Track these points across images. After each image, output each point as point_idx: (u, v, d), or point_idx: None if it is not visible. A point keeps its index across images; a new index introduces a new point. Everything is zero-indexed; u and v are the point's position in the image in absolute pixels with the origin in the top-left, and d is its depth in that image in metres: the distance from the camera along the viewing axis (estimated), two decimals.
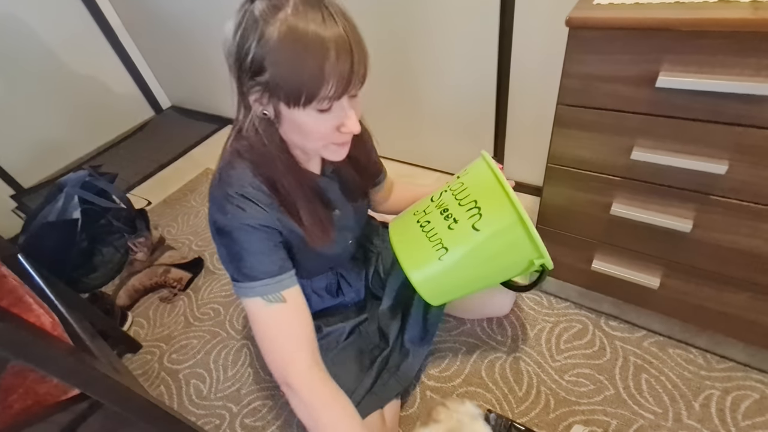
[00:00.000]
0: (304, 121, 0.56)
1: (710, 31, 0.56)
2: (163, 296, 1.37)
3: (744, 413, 0.84)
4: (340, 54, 0.50)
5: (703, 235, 0.75)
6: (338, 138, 0.60)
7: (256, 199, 0.61)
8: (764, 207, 0.66)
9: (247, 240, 0.61)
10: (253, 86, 0.54)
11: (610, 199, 0.80)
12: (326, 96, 0.52)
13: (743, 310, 0.81)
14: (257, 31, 0.50)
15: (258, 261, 0.62)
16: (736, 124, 0.61)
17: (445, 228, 0.73)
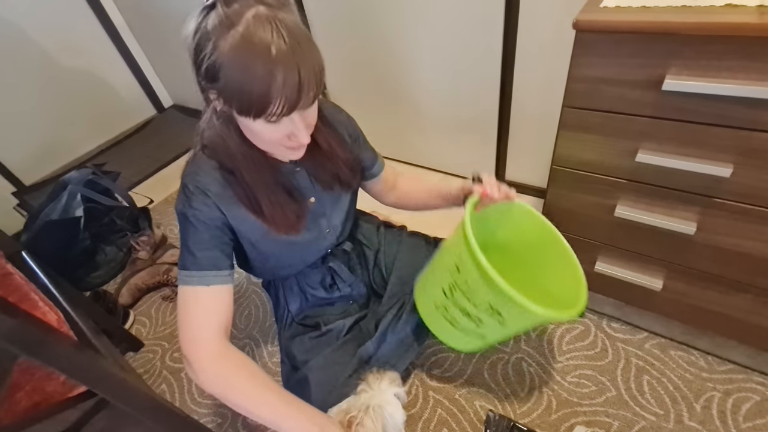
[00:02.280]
0: (255, 128, 0.58)
1: (717, 35, 0.56)
2: (165, 295, 1.37)
3: (745, 415, 0.85)
4: (287, 76, 0.51)
5: (707, 238, 0.75)
6: (289, 143, 0.62)
7: (205, 192, 0.65)
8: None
9: (187, 231, 0.66)
10: (210, 88, 0.57)
11: (615, 202, 0.81)
12: (273, 113, 0.54)
13: (745, 313, 0.82)
14: (211, 42, 0.52)
15: (190, 253, 0.65)
16: (742, 127, 0.61)
17: (473, 325, 0.76)
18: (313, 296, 0.94)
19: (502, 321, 0.71)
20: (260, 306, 1.28)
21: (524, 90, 1.23)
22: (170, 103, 2.57)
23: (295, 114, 0.57)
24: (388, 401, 0.71)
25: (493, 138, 1.39)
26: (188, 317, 0.64)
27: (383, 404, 0.70)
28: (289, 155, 0.67)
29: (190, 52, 0.56)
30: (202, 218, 0.65)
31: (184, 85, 2.38)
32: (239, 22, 0.50)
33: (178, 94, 2.50)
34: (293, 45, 0.51)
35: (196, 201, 0.65)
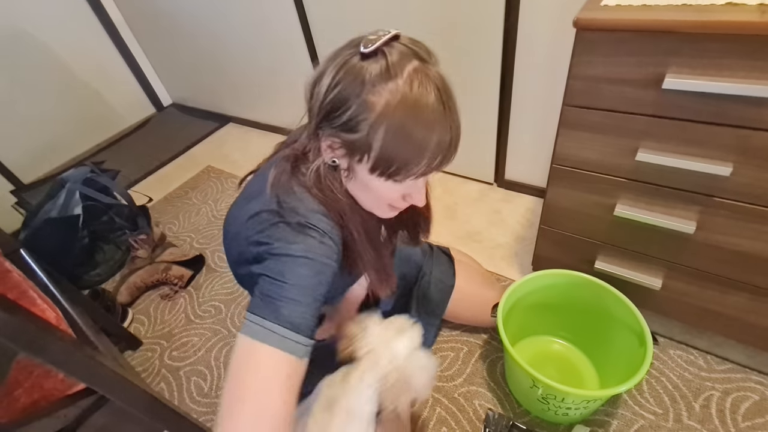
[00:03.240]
0: (377, 187, 0.53)
1: (717, 33, 0.56)
2: (164, 293, 1.37)
3: (744, 414, 0.85)
4: (441, 139, 0.48)
5: (707, 237, 0.75)
6: (400, 204, 0.58)
7: (331, 234, 0.53)
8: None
9: (303, 273, 0.48)
10: (333, 136, 0.50)
11: (615, 200, 0.81)
12: (413, 173, 0.50)
13: (744, 312, 0.82)
14: (363, 92, 0.46)
15: (302, 308, 0.48)
16: (742, 126, 0.61)
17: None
18: None
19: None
20: None
21: (524, 89, 1.23)
22: (169, 102, 2.56)
23: (422, 178, 0.53)
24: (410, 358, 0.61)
25: (493, 137, 1.39)
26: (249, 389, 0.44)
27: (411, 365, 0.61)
28: (388, 214, 0.60)
29: (320, 96, 0.49)
30: (331, 263, 0.51)
31: (183, 84, 2.37)
32: (400, 75, 0.46)
33: (177, 92, 2.50)
34: (448, 105, 0.48)
35: (328, 240, 0.52)
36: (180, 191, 1.85)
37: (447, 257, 1.04)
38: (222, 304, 1.31)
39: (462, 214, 1.46)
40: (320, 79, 0.49)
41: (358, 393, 0.60)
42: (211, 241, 1.54)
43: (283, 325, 0.46)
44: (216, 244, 1.52)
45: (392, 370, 0.62)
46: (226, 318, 1.26)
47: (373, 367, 0.62)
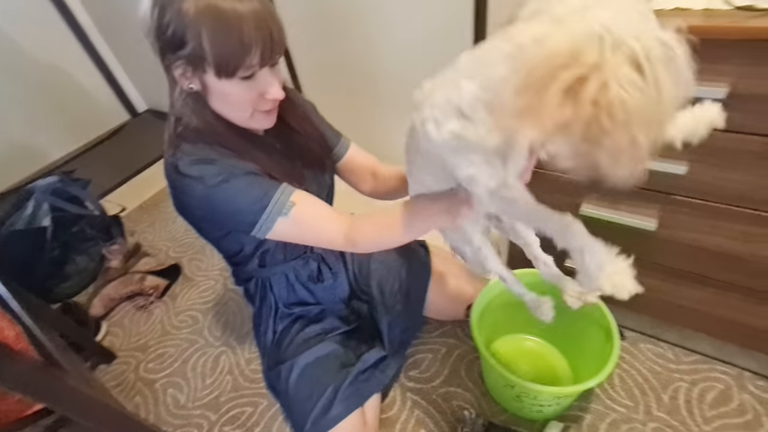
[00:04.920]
0: (231, 90, 0.59)
1: None
2: (139, 304, 1.34)
3: (710, 404, 0.87)
4: (258, 25, 0.54)
5: (668, 234, 0.77)
6: (263, 105, 0.64)
7: (214, 157, 0.63)
8: (723, 206, 0.69)
9: (236, 184, 0.63)
10: (176, 60, 0.57)
11: (580, 200, 0.83)
12: (250, 64, 0.56)
13: (708, 306, 0.84)
14: (174, 6, 0.53)
15: (255, 192, 0.64)
16: None
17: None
18: (302, 288, 0.91)
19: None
20: (237, 313, 1.26)
21: None
22: (144, 108, 2.51)
23: (266, 69, 0.60)
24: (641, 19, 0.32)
25: None
26: (310, 232, 0.68)
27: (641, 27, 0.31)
28: (263, 121, 0.67)
29: (149, 28, 0.57)
30: (233, 167, 0.63)
31: (158, 89, 2.32)
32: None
33: (152, 98, 2.45)
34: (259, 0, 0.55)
35: (219, 162, 0.63)
36: (155, 199, 1.81)
37: (424, 249, 1.05)
38: (199, 313, 1.29)
39: None
40: (144, 18, 0.57)
41: None
42: (188, 249, 1.51)
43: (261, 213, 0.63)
44: (192, 253, 1.50)
45: None
46: (203, 327, 1.24)
47: None
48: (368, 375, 0.89)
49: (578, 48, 0.30)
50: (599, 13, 0.31)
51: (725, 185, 0.66)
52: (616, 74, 0.29)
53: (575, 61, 0.30)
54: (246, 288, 0.93)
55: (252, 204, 0.63)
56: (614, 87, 0.29)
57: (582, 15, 0.32)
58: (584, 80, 0.29)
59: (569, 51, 0.30)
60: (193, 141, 0.64)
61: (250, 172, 0.65)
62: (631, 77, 0.30)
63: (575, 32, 0.31)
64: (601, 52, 0.30)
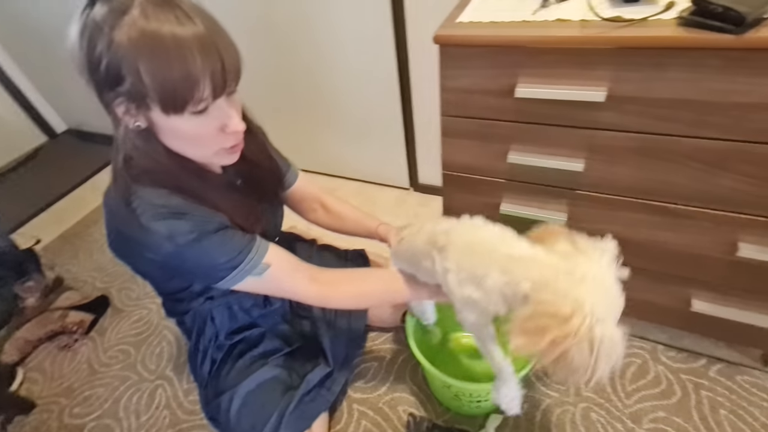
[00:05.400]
0: (183, 127, 0.52)
1: (551, 47, 0.62)
2: (62, 344, 1.23)
3: (630, 378, 0.95)
4: (205, 52, 0.48)
5: (577, 226, 0.81)
6: (225, 141, 0.57)
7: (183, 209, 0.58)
8: (618, 198, 0.75)
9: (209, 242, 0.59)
10: (116, 97, 0.50)
11: (499, 200, 0.87)
12: (201, 98, 0.49)
13: None
14: (104, 38, 0.46)
15: (227, 250, 0.61)
16: (585, 127, 0.69)
17: None
18: (245, 315, 0.88)
19: None
20: (173, 341, 1.20)
21: (422, 100, 1.28)
22: (64, 128, 2.32)
23: (223, 100, 0.53)
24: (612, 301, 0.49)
25: (401, 145, 1.43)
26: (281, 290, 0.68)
27: (608, 312, 0.48)
28: (226, 157, 0.60)
29: (79, 60, 0.48)
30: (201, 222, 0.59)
31: (78, 108, 2.15)
32: (132, 6, 0.46)
33: (72, 116, 2.26)
34: (203, 21, 0.48)
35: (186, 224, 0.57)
36: (79, 227, 1.68)
37: (363, 259, 1.05)
38: (131, 346, 1.21)
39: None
40: (74, 52, 0.49)
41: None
42: (117, 278, 1.41)
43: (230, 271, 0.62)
44: (122, 281, 1.40)
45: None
46: (136, 362, 1.16)
47: None
48: (314, 395, 0.87)
49: (570, 317, 0.45)
50: (590, 287, 0.48)
51: (615, 179, 0.72)
52: (579, 343, 0.45)
53: (565, 324, 0.45)
54: (181, 321, 0.88)
55: (223, 262, 0.60)
56: (574, 351, 0.45)
57: (581, 282, 0.48)
58: (560, 340, 0.45)
59: (565, 315, 0.45)
60: (150, 185, 0.57)
61: (222, 227, 0.61)
62: (585, 350, 0.45)
63: (579, 302, 0.46)
64: (580, 326, 0.45)
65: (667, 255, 0.79)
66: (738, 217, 0.68)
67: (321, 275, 0.70)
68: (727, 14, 0.52)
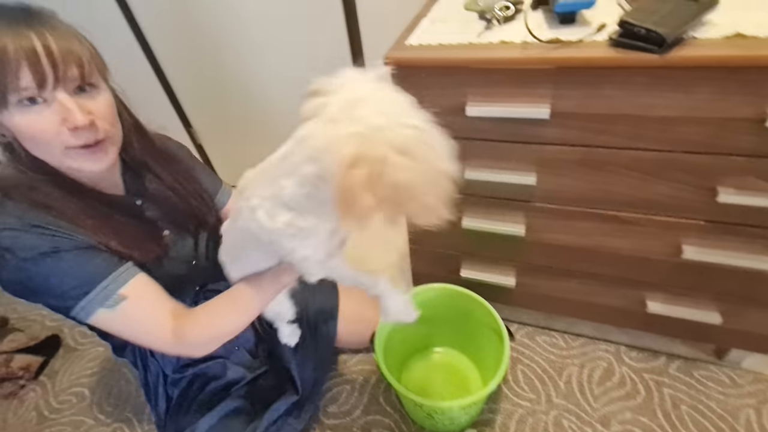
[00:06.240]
0: (21, 123, 0.52)
1: (495, 68, 0.65)
2: (7, 392, 1.13)
3: (597, 381, 0.97)
4: (17, 38, 0.49)
5: (535, 237, 0.86)
6: (70, 138, 0.55)
7: (36, 223, 0.55)
8: (569, 208, 0.78)
9: (58, 260, 0.56)
10: None
11: (460, 215, 0.88)
12: (21, 86, 0.50)
13: (578, 294, 0.94)
14: None
15: (80, 273, 0.57)
16: (533, 142, 0.71)
17: None
18: None
19: None
20: (132, 379, 1.13)
21: None
22: None
23: (63, 95, 0.52)
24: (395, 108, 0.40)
25: None
26: (133, 332, 0.62)
27: (396, 116, 0.39)
28: (84, 160, 0.58)
29: None
30: (61, 237, 0.56)
31: None
32: None
33: None
34: (23, 17, 0.50)
35: (20, 244, 0.54)
36: None
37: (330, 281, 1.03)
38: (85, 388, 1.13)
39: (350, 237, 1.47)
40: None
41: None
42: None
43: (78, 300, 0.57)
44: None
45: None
46: (92, 404, 1.09)
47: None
48: (280, 425, 0.84)
49: (354, 149, 0.37)
50: (363, 112, 0.39)
51: (565, 190, 0.75)
52: (390, 163, 0.37)
53: (357, 162, 0.37)
54: (125, 356, 0.83)
55: (72, 287, 0.56)
56: (392, 172, 0.37)
57: (351, 114, 0.39)
58: (372, 175, 0.37)
59: (350, 154, 0.37)
60: (13, 200, 0.56)
61: (82, 246, 0.57)
62: (401, 162, 0.38)
63: (345, 133, 0.39)
64: (375, 148, 0.37)
65: (620, 260, 0.82)
66: (678, 221, 0.73)
67: (184, 311, 0.64)
68: (650, 35, 0.56)
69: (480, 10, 0.76)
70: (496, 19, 0.71)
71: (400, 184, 0.38)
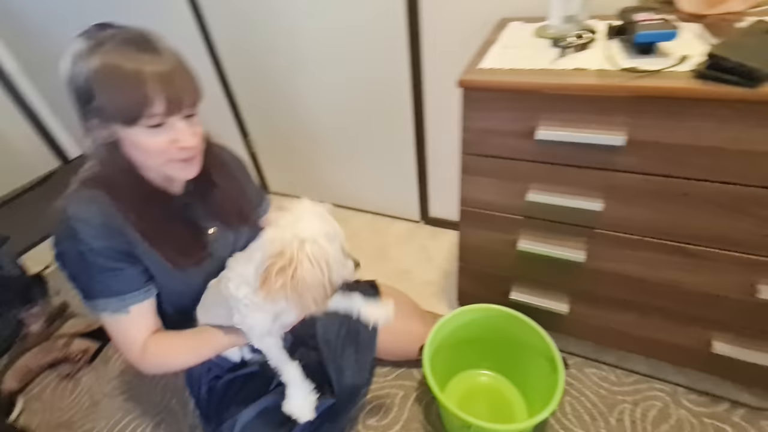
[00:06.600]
0: (140, 139, 0.61)
1: (569, 94, 0.66)
2: (64, 373, 1.20)
3: (652, 422, 0.92)
4: (160, 75, 0.57)
5: (595, 264, 0.84)
6: (176, 154, 0.64)
7: (94, 223, 0.64)
8: (636, 237, 0.76)
9: (79, 265, 0.65)
10: (88, 113, 0.61)
11: (516, 237, 0.88)
12: (152, 113, 0.58)
13: (636, 328, 0.91)
14: (81, 63, 0.57)
15: (103, 284, 0.66)
16: (604, 168, 0.71)
17: None
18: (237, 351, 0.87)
19: None
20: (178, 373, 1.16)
21: (436, 136, 1.32)
22: (78, 153, 2.36)
23: (177, 119, 0.61)
24: (320, 230, 0.60)
25: (414, 179, 1.46)
26: (115, 338, 0.70)
27: (317, 235, 0.59)
28: (181, 171, 0.67)
29: (66, 80, 0.60)
30: (93, 254, 0.64)
31: None
32: (107, 42, 0.57)
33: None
34: (163, 52, 0.59)
35: (84, 232, 0.63)
36: None
37: (373, 290, 1.04)
38: (134, 377, 1.18)
39: (392, 253, 1.49)
40: (63, 73, 0.60)
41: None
42: None
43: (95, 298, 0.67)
44: None
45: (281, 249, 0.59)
46: (140, 393, 1.13)
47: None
48: (316, 426, 0.84)
49: (284, 249, 0.58)
50: (300, 225, 0.60)
51: (633, 218, 0.74)
52: (301, 263, 0.57)
53: (281, 257, 0.58)
54: None
55: (98, 289, 0.66)
56: (299, 271, 0.57)
57: (292, 226, 0.60)
58: (285, 267, 0.57)
59: (279, 251, 0.58)
60: (93, 193, 0.64)
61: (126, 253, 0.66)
62: (307, 265, 0.58)
63: (285, 238, 0.59)
64: (295, 252, 0.58)
65: (687, 295, 0.79)
66: (756, 259, 0.69)
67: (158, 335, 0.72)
68: (740, 69, 0.55)
69: (553, 37, 0.77)
70: (570, 47, 0.72)
71: (302, 280, 0.57)
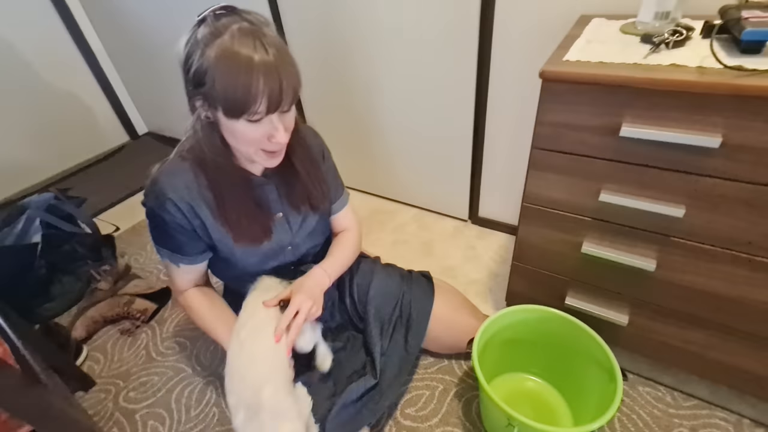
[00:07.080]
0: (237, 129, 0.65)
1: (663, 90, 0.63)
2: (124, 328, 1.29)
3: None
4: (268, 77, 0.60)
5: (666, 275, 0.80)
6: (268, 146, 0.69)
7: (175, 190, 0.73)
8: (720, 249, 0.72)
9: (155, 222, 0.77)
10: (196, 94, 0.65)
11: (581, 238, 0.85)
12: (255, 111, 0.62)
13: (704, 348, 0.85)
14: (199, 50, 0.61)
15: (167, 240, 0.79)
16: (690, 172, 0.67)
17: None
18: None
19: None
20: None
21: (496, 132, 1.30)
22: (145, 131, 2.54)
23: (275, 116, 0.65)
24: None
25: (467, 176, 1.45)
26: (167, 274, 0.88)
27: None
28: (267, 161, 0.72)
29: (180, 62, 0.64)
30: (167, 218, 0.75)
31: (160, 113, 2.36)
32: (225, 32, 0.60)
33: (153, 122, 2.48)
34: (275, 53, 0.61)
35: (167, 202, 0.73)
36: None
37: (426, 279, 1.04)
38: (187, 340, 1.24)
39: (438, 250, 1.48)
40: (178, 55, 0.65)
41: None
42: None
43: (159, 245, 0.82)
44: None
45: None
46: (191, 355, 1.20)
47: None
48: (358, 408, 0.85)
49: None
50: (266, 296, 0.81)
51: (717, 228, 0.69)
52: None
53: None
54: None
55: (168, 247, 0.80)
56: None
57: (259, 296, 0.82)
58: None
59: None
60: (185, 164, 0.73)
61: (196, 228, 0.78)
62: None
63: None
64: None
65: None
66: None
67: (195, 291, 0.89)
68: None
69: (643, 33, 0.74)
70: (664, 43, 0.69)
71: None
